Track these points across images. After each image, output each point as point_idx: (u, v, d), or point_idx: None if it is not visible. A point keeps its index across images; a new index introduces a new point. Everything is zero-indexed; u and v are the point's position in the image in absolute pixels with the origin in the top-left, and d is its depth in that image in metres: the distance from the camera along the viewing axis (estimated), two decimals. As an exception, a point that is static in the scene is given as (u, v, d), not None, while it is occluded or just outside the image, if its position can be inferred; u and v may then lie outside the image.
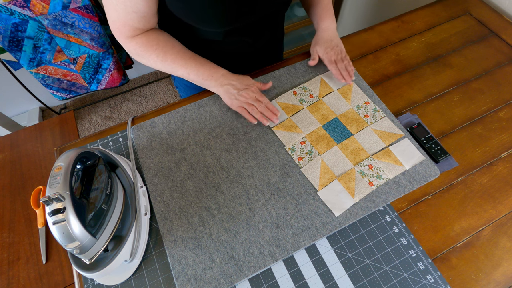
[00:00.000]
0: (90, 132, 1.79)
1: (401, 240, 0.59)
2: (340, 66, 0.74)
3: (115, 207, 0.53)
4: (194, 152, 0.68)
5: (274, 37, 0.85)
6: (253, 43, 0.76)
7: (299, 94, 0.74)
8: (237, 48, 0.77)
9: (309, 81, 0.77)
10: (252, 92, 0.68)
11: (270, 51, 0.89)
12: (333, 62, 0.74)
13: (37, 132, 1.12)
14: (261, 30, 0.75)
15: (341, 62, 0.74)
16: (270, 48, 0.88)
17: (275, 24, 0.80)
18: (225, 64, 0.72)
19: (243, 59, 0.82)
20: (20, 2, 1.02)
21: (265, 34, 0.77)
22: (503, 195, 0.63)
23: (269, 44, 0.85)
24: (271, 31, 0.80)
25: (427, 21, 0.90)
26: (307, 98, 0.74)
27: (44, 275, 0.84)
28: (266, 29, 0.77)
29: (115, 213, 0.53)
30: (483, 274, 0.56)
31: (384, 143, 0.68)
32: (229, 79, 0.68)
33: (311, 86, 0.76)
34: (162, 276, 0.57)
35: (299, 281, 0.56)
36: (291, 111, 0.72)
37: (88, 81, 1.39)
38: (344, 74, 0.74)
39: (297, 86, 0.76)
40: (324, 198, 0.62)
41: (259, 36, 0.76)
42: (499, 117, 0.73)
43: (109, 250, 0.52)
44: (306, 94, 0.74)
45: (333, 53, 0.74)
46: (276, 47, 0.92)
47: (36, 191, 0.93)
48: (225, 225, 0.60)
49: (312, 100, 0.74)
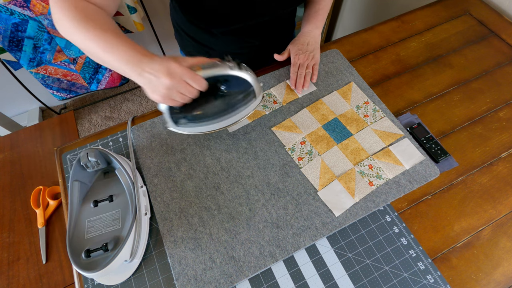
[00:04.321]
0: (90, 132, 1.79)
1: (401, 240, 0.59)
2: (300, 71, 0.72)
3: None
4: (194, 152, 0.68)
5: (285, 34, 0.86)
6: (261, 43, 0.76)
7: (263, 100, 0.73)
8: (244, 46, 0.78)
9: (275, 87, 0.76)
10: (179, 82, 0.49)
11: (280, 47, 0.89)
12: (296, 65, 0.72)
13: (37, 132, 1.12)
14: (271, 30, 0.75)
15: (303, 68, 0.72)
16: (281, 44, 0.88)
17: (286, 22, 0.80)
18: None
19: (251, 56, 0.82)
20: (20, 2, 1.02)
21: (275, 33, 0.78)
22: (503, 195, 0.63)
23: (280, 41, 0.85)
24: (281, 29, 0.81)
25: (427, 21, 0.90)
26: (270, 104, 0.73)
27: (44, 275, 0.84)
28: (277, 28, 0.77)
29: None
30: (483, 274, 0.56)
31: (384, 143, 0.68)
32: (151, 64, 0.48)
33: (276, 92, 0.75)
34: (162, 276, 0.57)
35: (299, 281, 0.56)
36: (252, 118, 0.71)
37: (88, 81, 1.39)
38: (298, 80, 0.71)
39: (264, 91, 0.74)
40: (324, 198, 0.62)
41: (268, 35, 0.76)
42: (499, 117, 0.73)
43: (109, 250, 0.52)
44: (270, 100, 0.74)
45: (302, 56, 0.72)
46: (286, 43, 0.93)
47: (36, 191, 0.93)
48: (225, 226, 0.60)
49: (276, 106, 0.73)
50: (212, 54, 0.79)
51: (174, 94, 0.49)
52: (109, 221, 0.56)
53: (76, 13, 0.49)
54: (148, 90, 0.50)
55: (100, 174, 0.63)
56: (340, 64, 0.79)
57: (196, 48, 0.81)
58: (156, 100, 0.51)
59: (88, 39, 0.49)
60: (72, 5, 0.49)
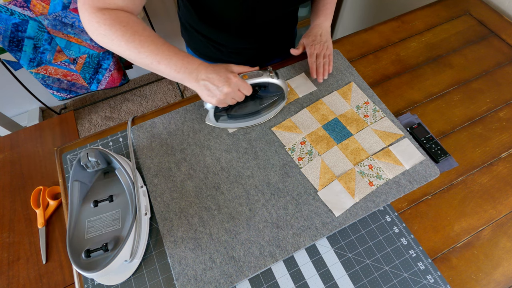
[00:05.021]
0: (90, 132, 1.79)
1: (401, 240, 0.59)
2: (318, 61, 0.73)
3: None
4: (194, 152, 0.68)
5: (287, 32, 0.88)
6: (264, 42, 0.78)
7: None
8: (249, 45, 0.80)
9: None
10: (234, 89, 0.58)
11: (283, 46, 0.91)
12: (313, 55, 0.73)
13: (37, 132, 1.12)
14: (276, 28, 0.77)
15: (321, 57, 0.73)
16: (282, 42, 0.90)
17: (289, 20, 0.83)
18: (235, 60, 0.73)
19: (257, 52, 0.83)
20: (20, 2, 1.02)
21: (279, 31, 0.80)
22: (503, 195, 0.63)
23: (281, 39, 0.87)
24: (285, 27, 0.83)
25: (427, 21, 0.90)
26: None
27: (44, 275, 0.84)
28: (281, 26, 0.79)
29: None
30: (483, 274, 0.56)
31: (384, 143, 0.68)
32: (206, 73, 0.56)
33: None
34: (162, 276, 0.57)
35: (299, 281, 0.56)
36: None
37: (88, 81, 1.39)
38: (318, 70, 0.72)
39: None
40: (324, 198, 0.62)
41: (271, 35, 0.78)
42: (499, 117, 0.73)
43: (109, 250, 0.52)
44: None
45: (318, 46, 0.73)
46: (288, 41, 0.94)
47: (36, 191, 0.93)
48: (225, 226, 0.60)
49: None
50: (222, 50, 0.81)
51: (228, 100, 0.58)
52: (109, 221, 0.56)
53: (125, 29, 0.53)
54: (204, 95, 0.58)
55: (100, 174, 0.63)
56: (340, 64, 0.79)
57: (206, 45, 0.81)
58: (210, 103, 0.59)
59: (142, 53, 0.54)
60: (117, 20, 0.52)
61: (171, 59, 0.55)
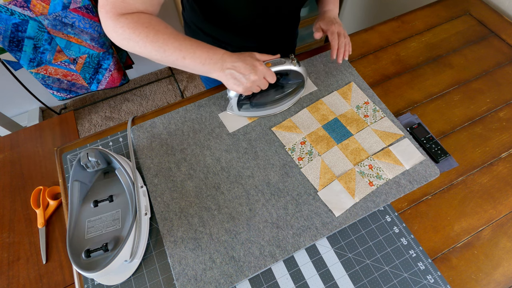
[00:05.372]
0: (90, 132, 1.79)
1: (401, 240, 0.59)
2: (341, 40, 0.71)
3: None
4: (194, 152, 0.68)
5: (289, 31, 0.88)
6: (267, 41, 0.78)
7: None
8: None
9: None
10: (260, 77, 0.59)
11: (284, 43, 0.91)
12: (335, 33, 0.71)
13: (37, 132, 1.12)
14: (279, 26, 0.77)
15: (342, 37, 0.72)
16: (284, 40, 0.90)
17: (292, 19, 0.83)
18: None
19: (262, 50, 0.84)
20: (20, 2, 1.02)
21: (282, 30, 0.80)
22: (503, 195, 0.63)
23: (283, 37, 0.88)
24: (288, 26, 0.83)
25: (427, 21, 0.90)
26: None
27: (44, 275, 0.84)
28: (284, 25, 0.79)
29: None
30: (483, 274, 0.56)
31: (384, 143, 0.68)
32: (232, 61, 0.58)
33: None
34: (162, 276, 0.57)
35: (299, 281, 0.56)
36: (252, 118, 0.72)
37: (88, 81, 1.39)
38: (340, 49, 0.71)
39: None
40: (324, 198, 0.62)
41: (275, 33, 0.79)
42: (499, 117, 0.73)
43: (109, 250, 0.52)
44: None
45: (337, 25, 0.72)
46: (290, 38, 0.94)
47: (36, 191, 0.93)
48: (225, 226, 0.60)
49: None
50: (228, 49, 0.81)
51: (254, 87, 0.59)
52: (109, 221, 0.56)
53: (148, 30, 0.54)
54: (230, 84, 0.58)
55: (100, 174, 0.63)
56: (340, 64, 0.79)
57: (211, 44, 0.82)
58: (236, 91, 0.60)
59: (167, 51, 0.55)
60: (139, 22, 0.54)
61: (195, 53, 0.56)
